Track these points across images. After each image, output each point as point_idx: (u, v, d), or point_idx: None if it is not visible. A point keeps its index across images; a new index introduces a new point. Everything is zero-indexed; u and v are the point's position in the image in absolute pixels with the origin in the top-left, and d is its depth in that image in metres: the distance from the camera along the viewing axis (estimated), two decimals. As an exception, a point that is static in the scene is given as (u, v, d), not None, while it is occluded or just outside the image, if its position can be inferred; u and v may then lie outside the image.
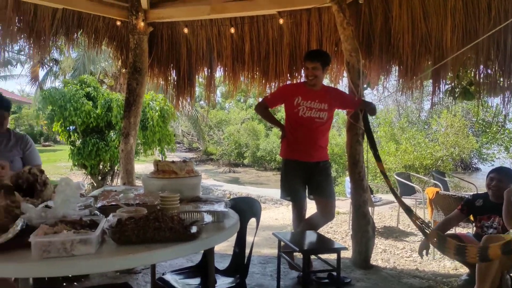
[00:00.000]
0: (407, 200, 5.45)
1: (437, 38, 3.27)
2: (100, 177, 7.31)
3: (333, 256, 2.51)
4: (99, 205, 1.74)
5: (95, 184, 7.23)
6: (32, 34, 3.91)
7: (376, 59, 3.64)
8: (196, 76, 4.72)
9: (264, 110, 3.31)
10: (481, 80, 3.28)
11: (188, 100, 4.81)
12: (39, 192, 1.74)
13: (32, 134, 21.05)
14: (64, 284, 2.75)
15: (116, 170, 7.32)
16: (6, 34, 3.78)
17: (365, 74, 3.70)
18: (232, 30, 4.16)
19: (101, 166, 7.26)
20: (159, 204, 1.75)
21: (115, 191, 1.96)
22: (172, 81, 4.69)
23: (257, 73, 4.34)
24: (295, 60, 4.14)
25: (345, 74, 3.75)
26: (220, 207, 1.85)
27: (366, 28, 3.60)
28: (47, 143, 23.68)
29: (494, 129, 11.55)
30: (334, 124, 17.93)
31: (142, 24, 3.98)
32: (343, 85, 5.42)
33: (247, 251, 2.07)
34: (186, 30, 4.27)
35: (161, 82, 4.74)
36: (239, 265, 2.09)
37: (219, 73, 4.66)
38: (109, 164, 7.24)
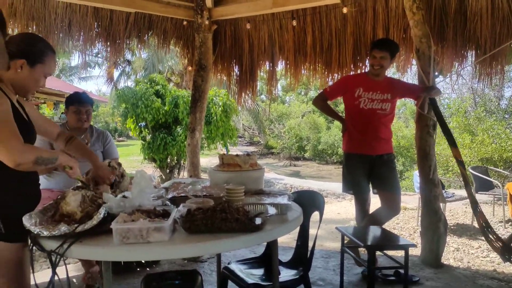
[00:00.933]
0: (484, 196, 5.08)
1: None
2: (168, 170, 7.73)
3: (400, 253, 2.42)
4: (170, 196, 1.85)
5: (163, 177, 7.67)
6: (108, 38, 4.23)
7: (450, 44, 3.41)
8: (258, 71, 4.78)
9: (323, 102, 3.24)
10: None
11: (250, 94, 4.89)
12: (117, 183, 1.90)
13: (108, 130, 22.79)
14: (138, 269, 2.98)
15: (182, 164, 7.69)
16: (87, 39, 4.14)
17: (437, 61, 3.48)
18: (294, 23, 4.13)
19: (168, 160, 7.67)
20: (224, 196, 1.82)
21: (184, 183, 2.08)
22: (234, 76, 4.80)
23: (319, 65, 4.27)
24: (359, 50, 4.01)
25: (414, 62, 3.56)
26: (283, 200, 1.88)
27: (438, 11, 3.38)
28: (121, 139, 25.59)
29: None
30: (400, 115, 17.06)
31: (206, 22, 4.12)
32: (412, 73, 5.13)
33: (310, 244, 2.07)
34: (248, 26, 4.34)
35: (224, 78, 4.87)
36: (302, 257, 2.11)
37: (280, 66, 4.67)
38: (176, 158, 7.62)
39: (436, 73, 3.72)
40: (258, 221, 1.52)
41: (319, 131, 19.52)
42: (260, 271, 2.06)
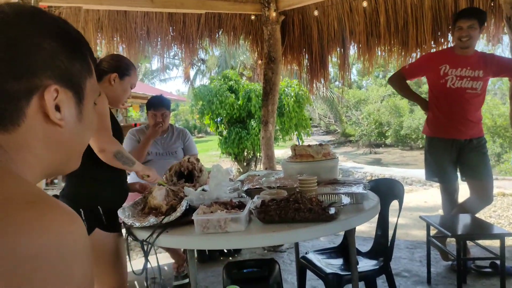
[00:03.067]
0: None
1: None
2: (245, 163, 7.95)
3: (497, 243, 2.20)
4: (245, 188, 1.92)
5: (241, 170, 7.92)
6: (183, 40, 4.48)
7: None
8: (329, 57, 4.67)
9: (400, 82, 2.99)
10: None
11: (322, 82, 4.81)
12: (196, 178, 2.03)
13: (188, 127, 24.21)
14: (221, 258, 3.14)
15: (258, 156, 7.86)
16: (164, 43, 4.43)
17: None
18: (365, 4, 3.94)
19: (245, 153, 7.89)
20: (298, 187, 1.83)
21: (258, 175, 2.13)
22: (305, 65, 4.75)
23: (395, 45, 4.03)
24: (439, 25, 3.68)
25: (505, 31, 3.17)
26: (358, 189, 1.83)
27: None
28: (200, 135, 26.94)
29: None
30: (496, 91, 15.27)
31: (274, 14, 4.13)
32: (504, 46, 4.60)
33: (391, 233, 1.99)
34: (316, 13, 4.25)
35: (295, 68, 4.85)
36: (382, 247, 2.04)
37: (352, 51, 4.50)
38: (252, 151, 7.80)
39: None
40: (332, 210, 1.51)
41: (401, 115, 18.38)
42: (338, 261, 2.04)
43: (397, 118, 18.29)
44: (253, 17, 4.46)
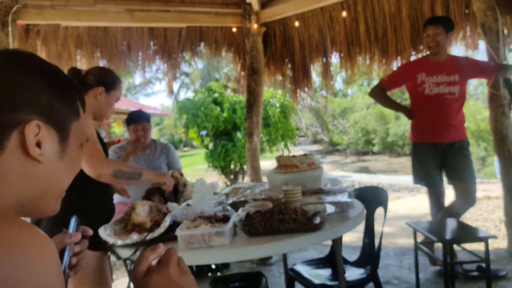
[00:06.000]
0: None
1: None
2: (232, 176, 7.91)
3: (483, 247, 2.22)
4: (230, 201, 1.90)
5: (228, 183, 7.87)
6: (164, 54, 4.48)
7: None
8: (312, 66, 4.72)
9: (381, 94, 3.04)
10: None
11: (307, 91, 4.85)
12: (180, 193, 2.00)
13: (173, 141, 23.96)
14: (209, 274, 3.09)
15: (245, 169, 7.83)
16: (145, 57, 4.42)
17: (507, 34, 3.15)
18: (344, 14, 4.01)
19: (232, 166, 7.85)
20: (283, 198, 1.82)
21: (243, 187, 2.11)
22: (288, 75, 4.79)
23: (376, 53, 4.10)
24: (418, 33, 3.76)
25: (481, 37, 3.26)
26: (343, 198, 1.83)
27: None
28: (186, 149, 26.69)
29: None
30: (479, 96, 15.62)
31: (255, 26, 4.17)
32: (481, 51, 4.72)
33: (377, 241, 1.99)
34: (297, 24, 4.31)
35: (278, 78, 4.88)
36: (370, 256, 2.03)
37: (335, 60, 4.56)
38: (238, 163, 7.77)
39: (511, 47, 3.37)
40: (317, 220, 1.50)
41: (386, 122, 18.59)
42: (326, 271, 2.02)
43: (383, 126, 18.50)
44: (234, 30, 4.49)
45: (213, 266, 3.10)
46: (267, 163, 9.02)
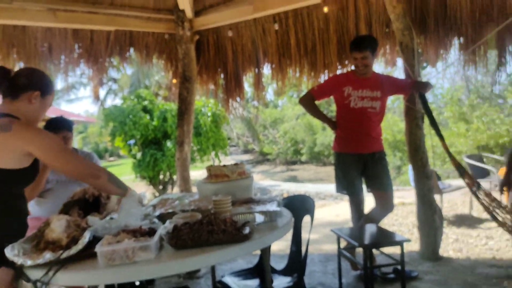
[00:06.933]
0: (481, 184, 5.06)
1: (499, 3, 2.99)
2: (161, 186, 7.68)
3: (398, 250, 2.39)
4: (157, 213, 1.82)
5: (157, 194, 7.61)
6: (90, 57, 4.22)
7: (432, 35, 3.41)
8: (244, 77, 4.77)
9: (310, 102, 3.14)
10: None
11: (239, 101, 4.88)
12: (103, 205, 1.87)
13: (98, 150, 22.59)
14: (133, 292, 2.92)
15: (175, 179, 7.64)
16: (69, 61, 4.12)
17: (421, 53, 3.48)
18: (276, 26, 4.13)
19: (161, 176, 7.62)
20: (212, 208, 1.79)
21: (172, 198, 2.04)
22: (221, 84, 4.79)
23: (305, 66, 4.27)
24: (344, 48, 3.99)
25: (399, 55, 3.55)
26: (272, 207, 1.85)
27: (418, 3, 3.39)
28: (112, 158, 25.24)
29: None
30: (395, 110, 17.06)
31: (188, 33, 4.12)
32: (399, 67, 5.15)
33: (304, 249, 2.05)
34: (230, 33, 4.34)
35: (211, 87, 4.86)
36: (297, 263, 2.08)
37: (267, 71, 4.67)
38: (168, 173, 7.57)
39: (424, 64, 3.73)
40: (246, 230, 1.49)
41: (314, 133, 19.49)
42: (255, 282, 2.03)
43: (311, 136, 19.35)
44: (166, 36, 4.40)
45: (137, 283, 2.94)
46: (198, 173, 8.90)
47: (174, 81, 4.58)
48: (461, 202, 5.47)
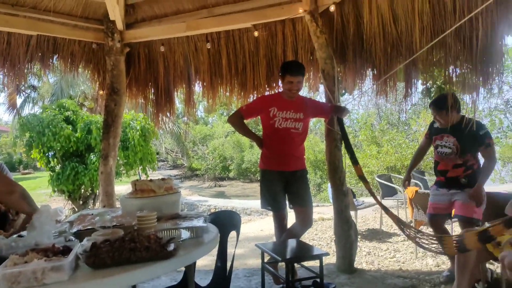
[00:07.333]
0: (389, 201, 5.55)
1: (407, 41, 3.31)
2: (81, 202, 7.21)
3: (318, 263, 2.53)
4: (74, 230, 1.72)
5: (76, 209, 7.12)
6: (6, 62, 3.90)
7: (351, 64, 3.67)
8: (176, 93, 4.75)
9: (238, 121, 3.24)
10: (454, 78, 3.30)
11: (169, 116, 4.83)
12: (11, 222, 1.73)
13: (11, 162, 20.43)
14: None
15: (97, 193, 7.23)
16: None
17: (341, 80, 3.76)
18: (209, 46, 4.21)
19: (82, 190, 7.17)
20: (136, 224, 1.75)
21: (92, 214, 1.96)
22: (151, 99, 4.71)
23: (236, 86, 4.38)
24: (272, 71, 4.18)
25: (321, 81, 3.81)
26: (199, 222, 1.86)
27: (339, 35, 3.64)
28: (26, 171, 22.94)
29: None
30: (317, 131, 18.08)
31: (118, 45, 4.02)
32: (321, 92, 5.49)
33: (229, 264, 2.08)
34: (162, 48, 4.32)
35: (140, 101, 4.75)
36: (221, 279, 2.10)
37: (198, 88, 4.69)
38: (90, 187, 7.15)
39: (343, 91, 4.05)
40: (171, 247, 1.49)
41: (242, 150, 19.78)
42: (178, 299, 2.00)
43: (239, 153, 19.62)
44: (94, 46, 4.24)
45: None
46: (123, 188, 8.51)
47: (101, 92, 4.39)
48: (373, 218, 5.93)
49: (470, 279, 2.48)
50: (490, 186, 8.82)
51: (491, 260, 2.62)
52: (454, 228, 3.85)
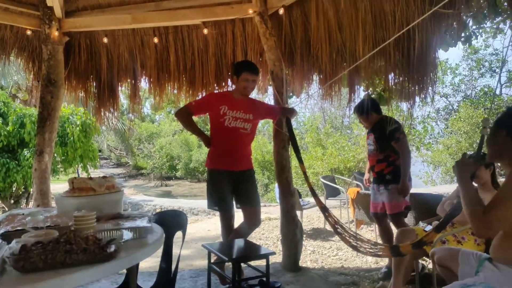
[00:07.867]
0: (333, 202, 5.77)
1: (351, 48, 3.41)
2: (12, 201, 6.65)
3: (264, 262, 2.54)
4: (1, 231, 1.58)
5: (6, 209, 6.56)
6: None
7: (298, 68, 3.73)
8: (120, 88, 4.53)
9: (186, 116, 3.15)
10: (393, 86, 3.49)
11: (112, 112, 4.60)
12: None
13: None
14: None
15: (31, 192, 6.70)
16: None
17: (289, 82, 3.82)
18: (156, 40, 4.06)
19: (14, 189, 6.61)
20: (73, 225, 1.64)
21: (23, 214, 1.80)
22: (93, 92, 4.45)
23: (184, 83, 4.28)
24: (221, 70, 4.14)
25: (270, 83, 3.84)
26: (142, 223, 1.79)
27: (288, 38, 3.69)
28: None
29: (406, 131, 12.65)
30: (265, 132, 18.32)
31: (56, 33, 3.75)
32: (270, 94, 5.55)
33: (174, 265, 2.02)
34: (106, 40, 4.09)
35: (81, 95, 4.47)
36: (166, 281, 2.03)
37: (145, 84, 4.52)
38: (23, 186, 6.62)
39: (291, 94, 4.11)
40: (111, 248, 1.40)
41: (190, 149, 19.48)
42: (119, 303, 1.91)
43: (187, 152, 19.32)
44: (29, 32, 3.92)
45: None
46: (60, 186, 8.00)
47: (36, 83, 4.07)
48: (317, 217, 6.11)
49: (406, 275, 2.64)
50: (422, 188, 9.53)
51: (424, 257, 2.80)
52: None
